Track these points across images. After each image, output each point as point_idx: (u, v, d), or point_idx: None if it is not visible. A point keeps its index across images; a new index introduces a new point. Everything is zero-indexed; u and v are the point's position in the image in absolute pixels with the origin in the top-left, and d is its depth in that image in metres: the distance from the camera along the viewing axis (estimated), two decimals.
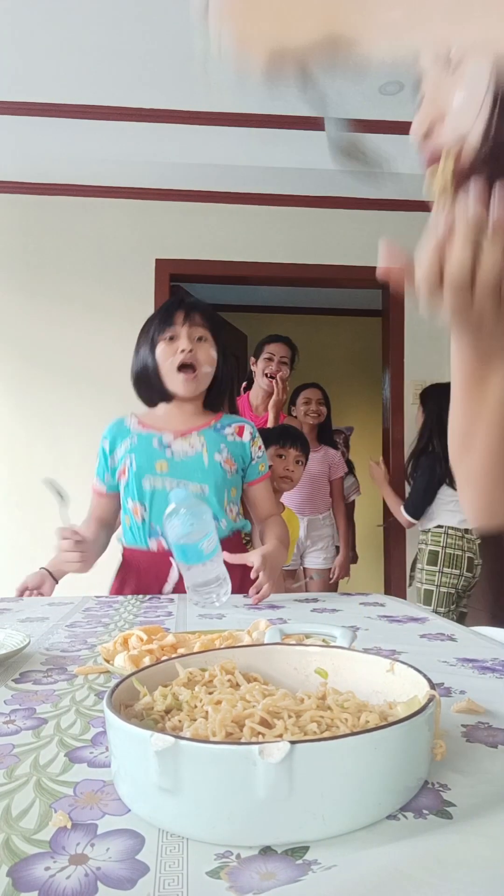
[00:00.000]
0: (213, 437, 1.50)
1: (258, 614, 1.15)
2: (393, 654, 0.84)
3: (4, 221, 3.60)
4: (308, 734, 0.44)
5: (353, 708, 0.48)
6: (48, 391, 3.56)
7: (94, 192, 3.61)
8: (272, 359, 2.80)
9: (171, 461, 1.46)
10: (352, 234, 3.76)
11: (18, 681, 0.73)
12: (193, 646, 0.75)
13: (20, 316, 3.58)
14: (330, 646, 0.63)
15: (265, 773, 0.37)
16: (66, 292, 3.60)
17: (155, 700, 0.50)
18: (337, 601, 1.30)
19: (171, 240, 3.66)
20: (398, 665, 0.54)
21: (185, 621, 1.10)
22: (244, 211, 3.70)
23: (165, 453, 1.47)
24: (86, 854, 0.38)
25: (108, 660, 0.73)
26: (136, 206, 3.65)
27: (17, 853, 0.38)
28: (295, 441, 2.21)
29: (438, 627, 1.01)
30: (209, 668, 0.57)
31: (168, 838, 0.39)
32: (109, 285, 3.61)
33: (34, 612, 1.19)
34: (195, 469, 1.46)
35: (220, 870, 0.36)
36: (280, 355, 2.81)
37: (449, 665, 0.78)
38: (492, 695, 0.66)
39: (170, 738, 0.39)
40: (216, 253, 3.68)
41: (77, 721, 0.60)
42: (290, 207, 3.72)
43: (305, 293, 5.13)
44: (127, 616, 1.15)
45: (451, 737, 0.54)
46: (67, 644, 0.92)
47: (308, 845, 0.38)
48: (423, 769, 0.44)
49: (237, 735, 0.44)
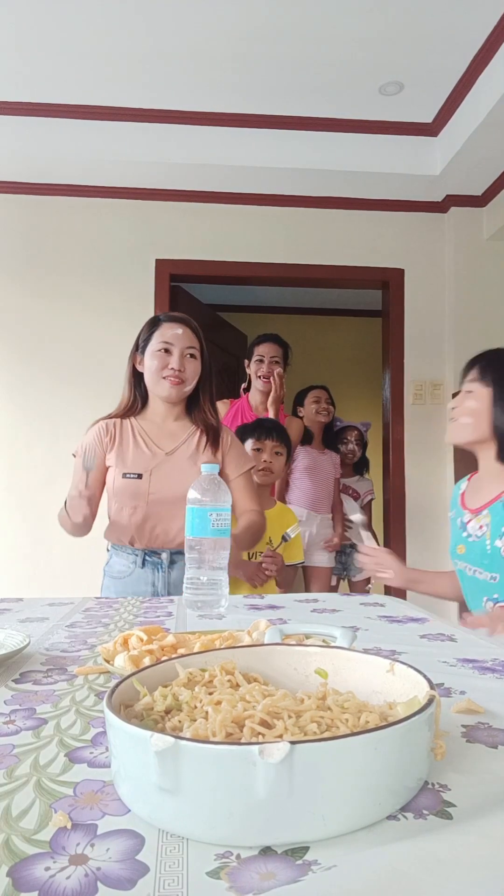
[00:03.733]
0: None
1: (258, 614, 1.15)
2: (393, 654, 0.84)
3: (4, 221, 3.60)
4: (308, 734, 0.44)
5: (353, 708, 0.48)
6: (48, 391, 3.56)
7: (94, 192, 3.61)
8: (263, 360, 2.81)
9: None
10: (352, 234, 3.76)
11: (18, 681, 0.73)
12: (193, 646, 0.75)
13: (20, 316, 3.58)
14: (330, 646, 0.63)
15: (265, 773, 0.37)
16: (67, 292, 3.60)
17: (155, 700, 0.50)
18: (337, 601, 1.31)
19: (171, 240, 3.66)
20: (398, 665, 0.54)
21: (185, 622, 1.10)
22: (244, 211, 3.70)
23: None
24: (86, 854, 0.38)
25: (108, 660, 0.73)
26: (136, 206, 3.65)
27: (17, 853, 0.38)
28: (270, 432, 2.20)
29: (438, 628, 1.01)
30: (209, 668, 0.57)
31: (168, 838, 0.39)
32: (109, 285, 3.61)
33: (34, 612, 1.19)
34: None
35: (220, 870, 0.36)
36: (270, 355, 2.81)
37: (449, 665, 0.78)
38: (492, 695, 0.66)
39: (170, 738, 0.39)
40: (216, 253, 3.68)
41: (77, 721, 0.60)
42: (290, 207, 3.72)
43: (305, 293, 5.13)
44: (127, 616, 1.15)
45: (451, 737, 0.54)
46: (67, 644, 0.92)
47: (308, 845, 0.38)
48: (423, 769, 0.44)
49: (237, 735, 0.44)
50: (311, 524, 3.10)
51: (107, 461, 1.66)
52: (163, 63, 2.93)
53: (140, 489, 1.61)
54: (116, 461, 1.65)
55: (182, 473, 1.58)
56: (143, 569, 1.63)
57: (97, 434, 1.68)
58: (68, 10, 2.62)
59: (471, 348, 3.83)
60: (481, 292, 3.73)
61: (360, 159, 3.42)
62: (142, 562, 1.63)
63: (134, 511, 1.61)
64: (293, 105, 3.25)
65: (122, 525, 1.63)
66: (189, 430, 1.71)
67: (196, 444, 1.68)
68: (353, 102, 3.22)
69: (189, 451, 1.67)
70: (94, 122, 3.30)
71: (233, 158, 3.38)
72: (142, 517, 1.60)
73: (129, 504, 1.61)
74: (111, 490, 1.65)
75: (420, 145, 3.45)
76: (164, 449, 1.67)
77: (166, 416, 1.71)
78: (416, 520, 3.74)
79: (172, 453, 1.66)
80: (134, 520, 1.61)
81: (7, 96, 3.18)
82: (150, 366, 1.66)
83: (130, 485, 1.61)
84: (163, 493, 1.60)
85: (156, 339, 1.67)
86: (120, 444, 1.67)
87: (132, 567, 1.64)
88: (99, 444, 1.67)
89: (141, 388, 1.73)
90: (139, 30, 2.73)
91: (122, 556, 1.66)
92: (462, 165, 3.33)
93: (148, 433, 1.69)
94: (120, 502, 1.62)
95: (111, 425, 1.69)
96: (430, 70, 2.97)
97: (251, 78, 3.03)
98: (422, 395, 3.77)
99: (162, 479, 1.62)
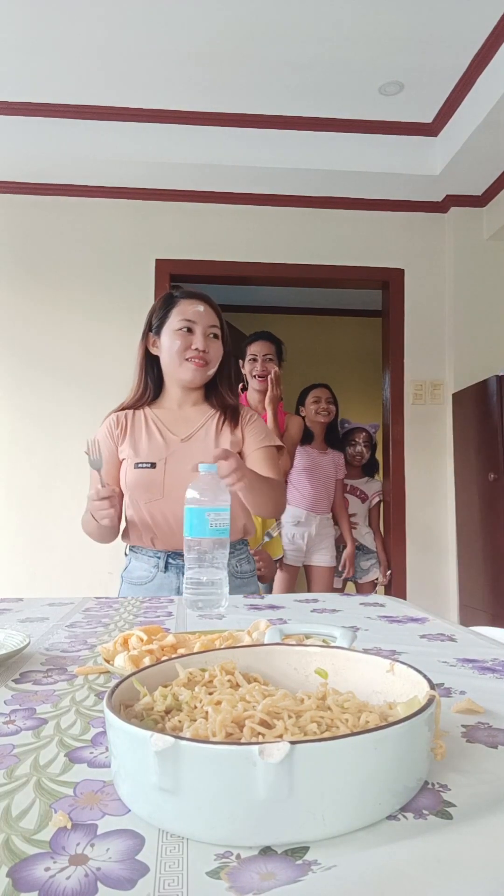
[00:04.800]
0: None
1: (258, 614, 1.15)
2: (393, 654, 0.84)
3: (4, 221, 3.60)
4: (308, 734, 0.44)
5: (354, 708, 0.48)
6: (48, 392, 3.56)
7: (94, 192, 3.61)
8: (256, 359, 2.78)
9: None
10: (352, 234, 3.76)
11: (18, 681, 0.73)
12: (193, 646, 0.75)
13: (20, 316, 3.58)
14: (330, 646, 0.63)
15: (265, 773, 0.37)
16: (66, 292, 3.60)
17: (155, 700, 0.50)
18: (337, 601, 1.30)
19: (171, 240, 3.66)
20: (398, 665, 0.54)
21: (185, 621, 1.10)
22: (244, 211, 3.70)
23: None
24: (86, 854, 0.38)
25: (108, 660, 0.73)
26: (136, 206, 3.65)
27: (17, 853, 0.38)
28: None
29: (438, 628, 1.01)
30: (209, 668, 0.57)
31: (168, 838, 0.39)
32: (109, 286, 3.62)
33: (34, 612, 1.19)
34: None
35: (220, 870, 0.36)
36: (263, 353, 2.78)
37: (449, 665, 0.78)
38: (492, 695, 0.66)
39: (170, 738, 0.38)
40: (216, 253, 3.68)
41: (77, 721, 0.60)
42: (290, 207, 3.72)
43: (305, 293, 5.13)
44: (127, 616, 1.15)
45: (451, 737, 0.54)
46: (67, 644, 0.92)
47: (308, 845, 0.38)
48: (423, 769, 0.44)
49: (237, 735, 0.44)
50: (310, 525, 3.10)
51: (119, 455, 1.55)
52: (163, 63, 2.93)
53: (154, 480, 1.49)
54: (129, 453, 1.53)
55: (200, 460, 1.36)
56: (166, 573, 1.50)
57: (108, 428, 1.58)
58: (68, 10, 2.63)
59: (471, 348, 3.86)
60: (481, 292, 3.74)
61: (360, 159, 3.42)
62: (164, 565, 1.50)
63: (150, 504, 1.49)
64: (293, 105, 3.25)
65: (139, 522, 1.51)
66: (207, 413, 1.58)
67: (216, 427, 1.55)
68: (353, 102, 3.22)
69: (208, 435, 1.54)
70: (94, 122, 3.31)
71: (233, 158, 3.38)
72: (159, 511, 1.49)
73: (143, 497, 1.49)
74: (125, 484, 1.53)
75: (420, 145, 3.46)
76: (180, 435, 1.54)
77: (183, 402, 1.59)
78: (416, 520, 3.74)
79: (189, 439, 1.53)
80: (151, 514, 1.49)
81: (7, 96, 3.18)
82: (171, 346, 1.52)
83: (144, 475, 1.49)
84: (179, 483, 1.44)
85: (175, 316, 1.53)
86: (132, 435, 1.55)
87: (153, 572, 1.51)
88: (110, 437, 1.56)
89: (154, 373, 1.60)
90: (139, 30, 2.73)
91: (142, 560, 1.54)
92: (462, 165, 3.33)
93: (162, 420, 1.57)
94: (135, 496, 1.51)
95: (122, 417, 1.58)
96: (430, 70, 2.97)
97: (251, 78, 3.03)
98: (422, 395, 3.77)
99: (178, 468, 1.48)
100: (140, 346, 1.60)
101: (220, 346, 1.57)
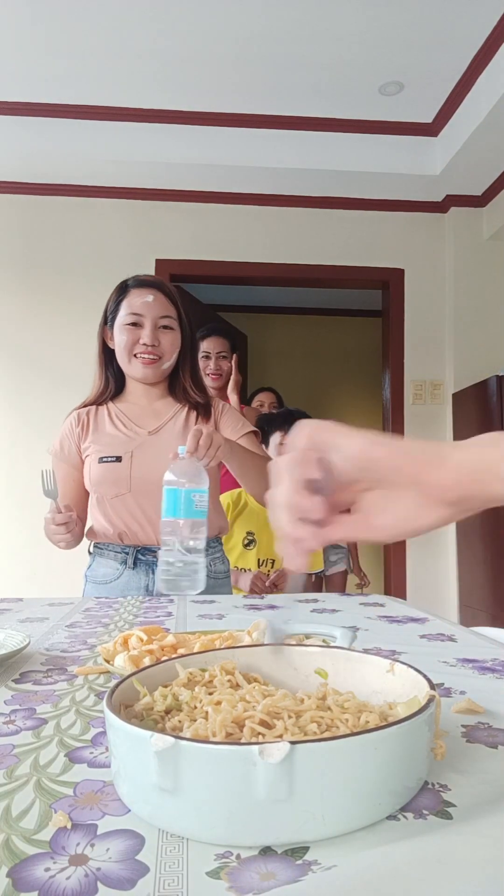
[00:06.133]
0: None
1: (258, 614, 1.15)
2: (393, 654, 0.84)
3: (4, 221, 3.60)
4: (308, 735, 0.44)
5: (354, 708, 0.48)
6: (48, 392, 3.56)
7: (94, 192, 3.61)
8: (209, 356, 2.65)
9: None
10: (352, 234, 3.76)
11: (18, 681, 0.73)
12: (193, 646, 0.75)
13: (20, 316, 3.58)
14: (330, 646, 0.63)
15: (265, 773, 0.37)
16: (66, 292, 3.60)
17: (155, 700, 0.50)
18: (337, 601, 1.30)
19: (171, 240, 3.66)
20: (398, 665, 0.54)
21: (186, 621, 1.10)
22: (244, 211, 3.70)
23: None
24: (86, 854, 0.38)
25: (108, 660, 0.73)
26: (136, 206, 3.65)
27: (17, 853, 0.38)
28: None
29: (438, 628, 1.01)
30: (209, 668, 0.57)
31: (168, 838, 0.39)
32: (109, 286, 3.58)
33: (34, 612, 1.19)
34: None
35: (220, 870, 0.36)
36: (217, 350, 2.66)
37: (449, 665, 0.78)
38: (492, 695, 0.66)
39: (170, 738, 0.38)
40: (216, 253, 3.68)
41: (77, 721, 0.60)
42: (290, 207, 3.72)
43: (305, 293, 5.13)
44: (127, 616, 1.15)
45: (451, 737, 0.54)
46: (67, 644, 0.92)
47: (308, 845, 0.38)
48: (423, 769, 0.44)
49: (237, 735, 0.44)
50: None
51: (82, 453, 1.50)
52: (163, 63, 2.93)
53: (121, 474, 1.43)
54: (92, 448, 1.47)
55: (168, 454, 1.29)
56: (134, 570, 1.45)
57: (69, 427, 1.53)
58: (68, 10, 2.63)
59: (471, 348, 3.86)
60: (481, 292, 3.74)
61: (360, 159, 3.42)
62: (134, 561, 1.45)
63: (116, 499, 1.43)
64: (293, 105, 3.25)
65: (105, 518, 1.46)
66: (175, 407, 1.53)
67: (185, 420, 1.50)
68: (353, 102, 3.22)
69: (176, 428, 1.48)
70: (94, 122, 3.31)
71: (233, 158, 3.38)
72: (126, 505, 1.43)
73: (110, 492, 1.44)
74: (90, 481, 1.47)
75: (420, 145, 3.46)
76: (147, 428, 1.49)
77: (147, 397, 1.53)
78: None
79: (156, 432, 1.48)
80: (117, 510, 1.44)
81: (7, 96, 3.18)
82: (119, 342, 1.47)
83: (109, 470, 1.43)
84: (147, 476, 1.40)
85: (123, 309, 1.47)
86: (95, 430, 1.50)
87: (120, 569, 1.46)
88: (71, 437, 1.51)
89: (114, 367, 1.54)
90: (139, 30, 2.73)
91: (107, 558, 1.49)
92: (462, 165, 3.33)
93: (127, 414, 1.52)
94: (100, 492, 1.45)
95: (83, 414, 1.53)
96: (430, 70, 2.97)
97: (251, 78, 3.03)
98: (422, 395, 3.77)
99: (145, 461, 1.43)
100: (98, 338, 1.54)
101: (174, 336, 1.49)
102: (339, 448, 0.47)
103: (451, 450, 0.45)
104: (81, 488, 1.52)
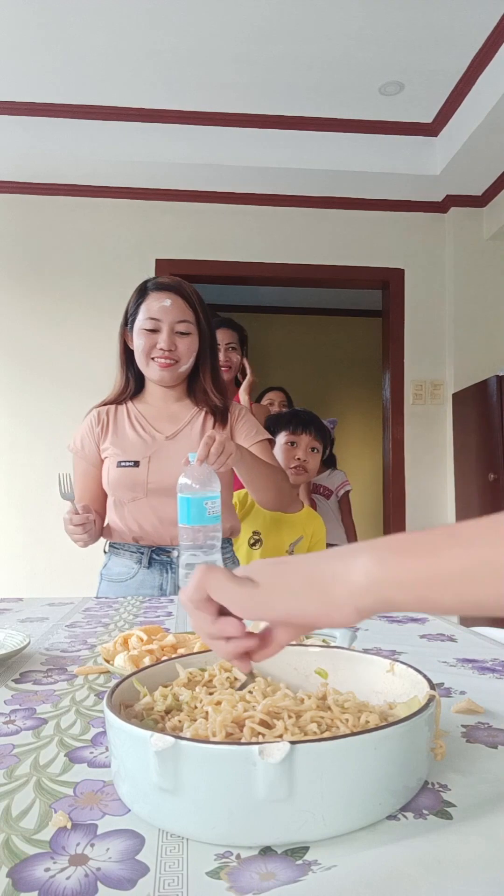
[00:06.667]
0: None
1: None
2: (393, 654, 0.84)
3: (4, 221, 3.60)
4: (308, 734, 0.44)
5: (354, 708, 0.48)
6: (48, 392, 3.56)
7: (94, 192, 3.61)
8: (218, 348, 2.66)
9: None
10: (352, 234, 3.76)
11: (18, 681, 0.73)
12: (193, 646, 0.75)
13: (20, 316, 3.58)
14: (330, 646, 0.63)
15: (265, 773, 0.37)
16: (66, 292, 3.60)
17: (155, 700, 0.50)
18: None
19: (171, 240, 3.66)
20: (398, 665, 0.54)
21: (186, 621, 1.10)
22: (244, 211, 3.70)
23: None
24: (86, 854, 0.38)
25: (108, 660, 0.73)
26: (136, 206, 3.65)
27: (17, 853, 0.38)
28: (308, 426, 1.96)
29: (438, 628, 1.01)
30: (209, 668, 0.57)
31: (168, 838, 0.39)
32: (109, 286, 3.61)
33: (34, 612, 1.19)
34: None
35: (220, 870, 0.36)
36: (226, 342, 2.63)
37: (449, 665, 0.78)
38: (492, 695, 0.66)
39: (170, 738, 0.38)
40: (216, 253, 3.68)
41: (77, 721, 0.60)
42: (290, 207, 3.72)
43: (305, 293, 5.13)
44: (127, 616, 1.15)
45: (451, 737, 0.54)
46: (67, 644, 0.92)
47: (308, 845, 0.38)
48: (423, 769, 0.44)
49: (237, 735, 0.44)
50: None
51: (101, 453, 1.53)
52: (163, 63, 2.93)
53: (137, 478, 1.45)
54: (111, 451, 1.50)
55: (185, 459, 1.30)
56: (149, 569, 1.48)
57: (89, 426, 1.55)
58: (68, 10, 2.62)
59: (471, 348, 3.85)
60: (481, 292, 3.74)
61: (360, 159, 3.42)
62: (148, 561, 1.47)
63: (133, 503, 1.46)
64: (293, 105, 3.25)
65: (122, 520, 1.48)
66: (193, 410, 1.54)
67: (202, 425, 1.52)
68: (353, 102, 3.22)
69: (193, 433, 1.50)
70: (94, 122, 3.30)
71: (233, 158, 3.38)
72: (142, 509, 1.45)
73: (127, 495, 1.46)
74: (107, 483, 1.50)
75: (420, 145, 3.45)
76: (164, 433, 1.51)
77: (165, 399, 1.55)
78: (416, 520, 3.74)
79: (174, 437, 1.50)
80: (134, 512, 1.46)
81: (7, 96, 3.18)
82: (137, 345, 1.48)
83: (127, 474, 1.46)
84: (163, 481, 1.42)
85: (142, 313, 1.47)
86: (115, 432, 1.52)
87: (135, 568, 1.49)
88: (90, 435, 1.54)
89: (134, 368, 1.56)
90: (139, 30, 2.73)
91: (123, 557, 1.51)
92: (462, 165, 3.33)
93: (146, 417, 1.53)
94: (117, 495, 1.48)
95: (103, 413, 1.55)
96: (430, 70, 2.97)
97: (251, 78, 3.03)
98: (422, 394, 3.77)
99: (162, 467, 1.45)
100: (119, 339, 1.56)
101: (192, 340, 1.49)
102: (229, 606, 0.44)
103: (348, 575, 0.41)
104: (100, 486, 1.54)
